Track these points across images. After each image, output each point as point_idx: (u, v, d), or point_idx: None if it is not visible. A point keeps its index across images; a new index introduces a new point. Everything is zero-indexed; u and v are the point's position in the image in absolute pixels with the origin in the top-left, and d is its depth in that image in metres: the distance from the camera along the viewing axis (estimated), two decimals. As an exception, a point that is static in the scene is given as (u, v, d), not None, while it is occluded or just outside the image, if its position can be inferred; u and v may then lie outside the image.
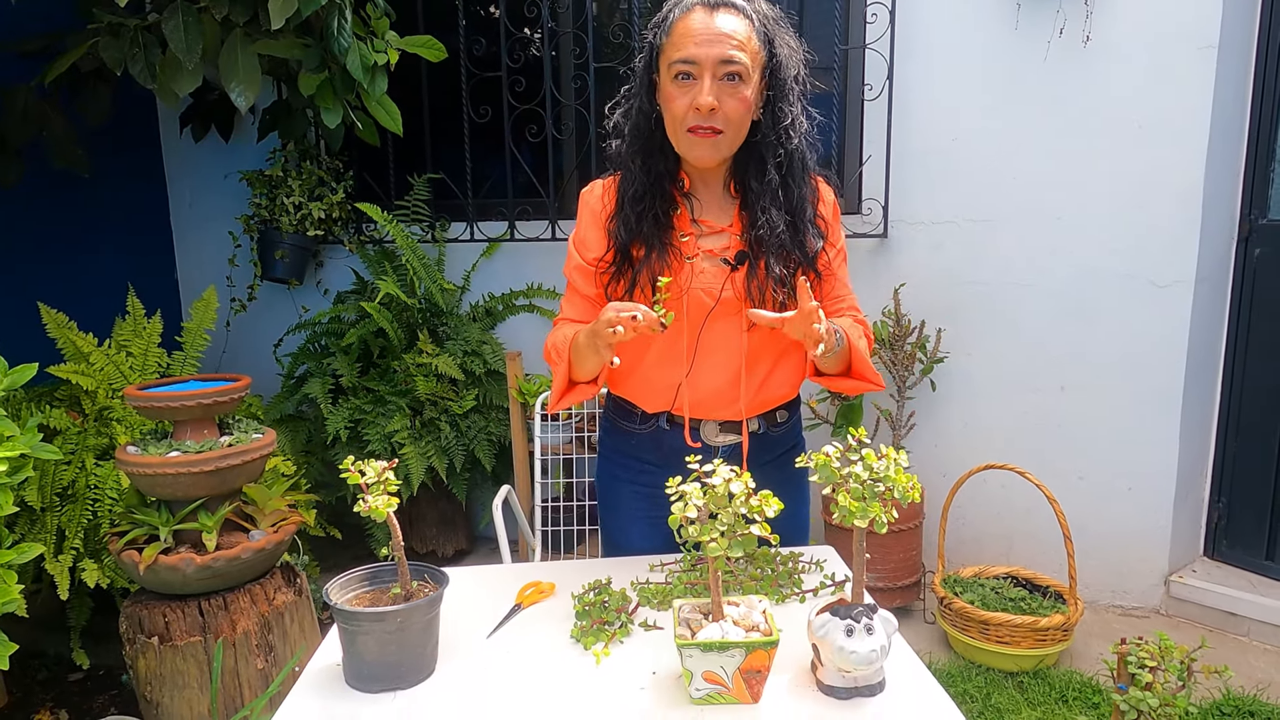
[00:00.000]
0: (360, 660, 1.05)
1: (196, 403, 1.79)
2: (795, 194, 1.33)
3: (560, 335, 1.38)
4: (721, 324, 1.36)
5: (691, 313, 1.36)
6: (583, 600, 1.23)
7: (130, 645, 1.80)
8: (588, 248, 1.40)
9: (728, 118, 1.26)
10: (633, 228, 1.33)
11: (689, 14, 1.26)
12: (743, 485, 0.99)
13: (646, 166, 1.33)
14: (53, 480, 2.32)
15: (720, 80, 1.24)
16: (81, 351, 2.56)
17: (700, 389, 1.40)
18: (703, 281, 1.35)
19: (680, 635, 0.99)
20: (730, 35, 1.24)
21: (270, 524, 1.93)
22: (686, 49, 1.25)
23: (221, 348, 3.34)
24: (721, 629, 1.00)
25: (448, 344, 3.04)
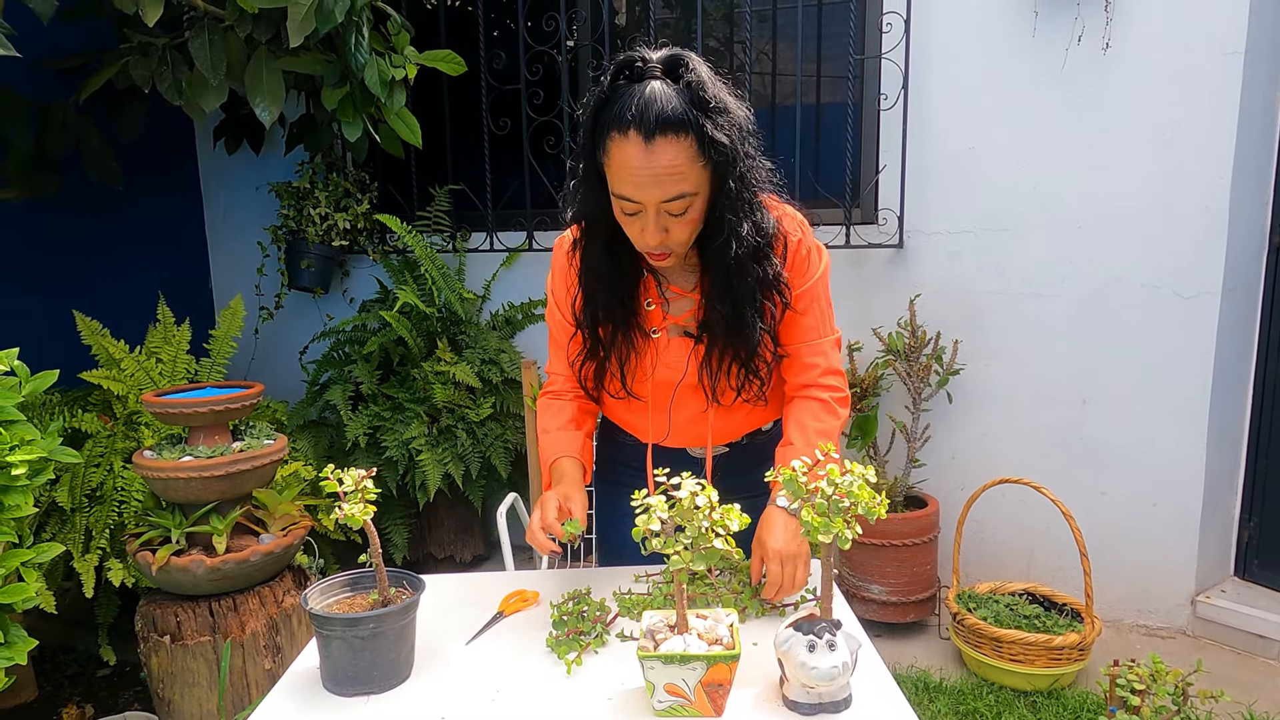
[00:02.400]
0: (335, 664, 1.08)
1: (209, 409, 1.84)
2: (739, 284, 1.25)
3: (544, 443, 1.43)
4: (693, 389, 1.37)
5: (658, 391, 1.39)
6: (560, 610, 1.25)
7: (144, 643, 1.86)
8: (563, 302, 1.40)
9: (677, 241, 1.20)
10: (597, 314, 1.33)
11: (625, 143, 1.12)
12: (707, 498, 1.00)
13: (606, 249, 1.28)
14: (82, 482, 2.40)
15: (665, 214, 1.17)
16: (114, 358, 2.65)
17: (676, 438, 1.46)
18: (668, 358, 1.37)
19: (643, 647, 1.00)
20: (671, 170, 1.12)
21: (280, 528, 1.98)
22: (625, 188, 1.15)
23: (250, 354, 3.44)
24: (684, 641, 1.00)
25: (466, 352, 3.09)
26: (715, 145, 1.13)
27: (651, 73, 1.13)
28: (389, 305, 3.18)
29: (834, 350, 1.39)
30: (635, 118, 1.10)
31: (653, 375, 1.37)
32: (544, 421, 1.46)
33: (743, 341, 1.30)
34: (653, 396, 1.40)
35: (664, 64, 1.14)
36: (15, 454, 1.58)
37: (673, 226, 1.18)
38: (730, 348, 1.31)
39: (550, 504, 1.28)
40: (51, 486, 2.42)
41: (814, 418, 1.35)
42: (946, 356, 2.73)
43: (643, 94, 1.11)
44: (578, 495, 1.32)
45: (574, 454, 1.40)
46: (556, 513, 1.27)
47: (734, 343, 1.30)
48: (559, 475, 1.37)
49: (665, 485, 1.04)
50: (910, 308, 2.72)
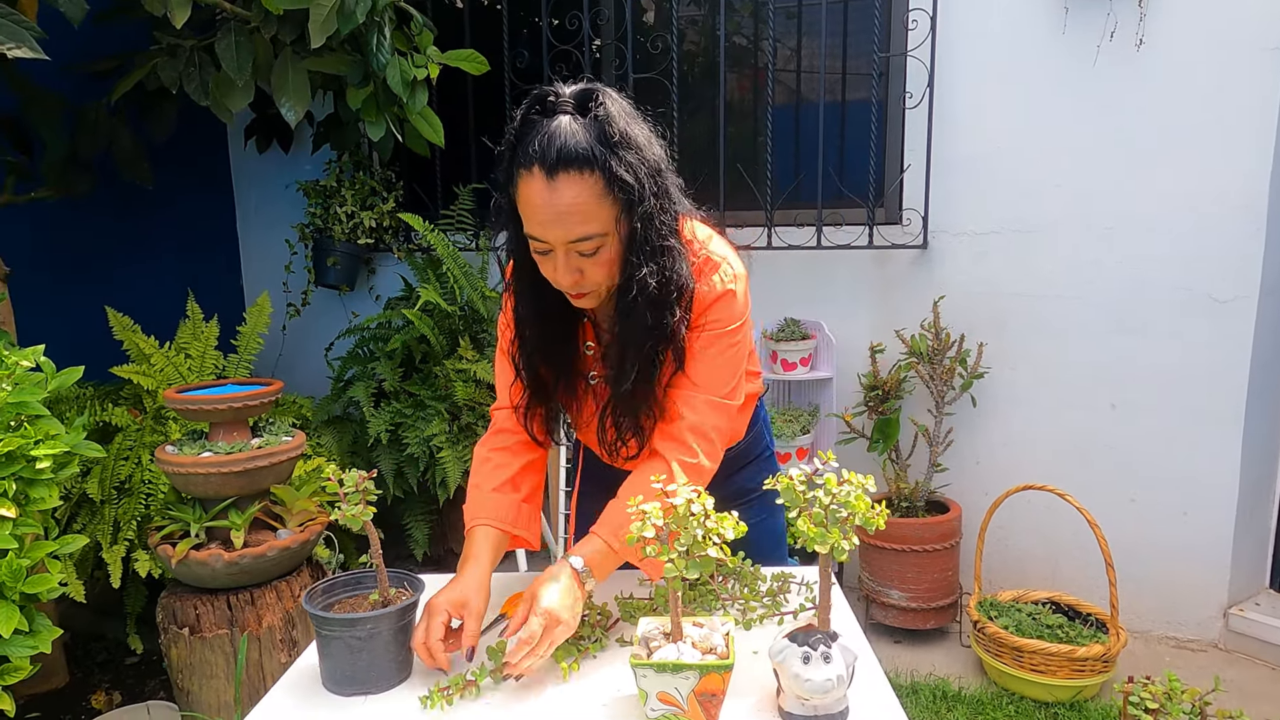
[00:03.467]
0: (334, 663, 1.09)
1: (227, 406, 1.87)
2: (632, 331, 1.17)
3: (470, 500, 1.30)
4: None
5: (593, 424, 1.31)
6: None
7: (164, 634, 1.90)
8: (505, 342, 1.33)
9: (593, 282, 1.15)
10: (532, 356, 1.27)
11: (529, 179, 1.07)
12: (702, 506, 0.99)
13: (534, 288, 1.22)
14: (111, 474, 2.46)
15: (576, 254, 1.11)
16: (144, 353, 2.71)
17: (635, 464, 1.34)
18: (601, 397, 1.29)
19: (636, 655, 0.99)
20: (574, 209, 1.06)
21: (298, 524, 2.00)
22: (532, 226, 1.10)
23: (278, 351, 3.49)
24: (678, 650, 0.99)
25: (488, 350, 3.10)
26: (620, 183, 1.07)
27: (562, 107, 1.08)
28: (413, 303, 3.21)
29: (711, 411, 1.22)
30: (538, 153, 1.05)
31: (592, 421, 1.30)
32: (477, 477, 1.32)
33: (624, 395, 1.20)
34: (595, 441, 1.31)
35: (575, 98, 1.09)
36: (40, 448, 1.62)
37: (586, 267, 1.13)
38: (616, 399, 1.22)
39: (436, 618, 1.10)
40: (82, 479, 2.49)
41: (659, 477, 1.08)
42: (970, 359, 2.68)
43: (549, 129, 1.06)
44: (477, 598, 1.15)
45: (498, 522, 1.26)
46: (441, 630, 1.10)
47: (617, 394, 1.22)
48: (466, 556, 1.22)
49: (660, 492, 1.03)
50: (934, 310, 2.68)
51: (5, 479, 1.56)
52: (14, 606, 1.52)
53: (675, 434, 1.22)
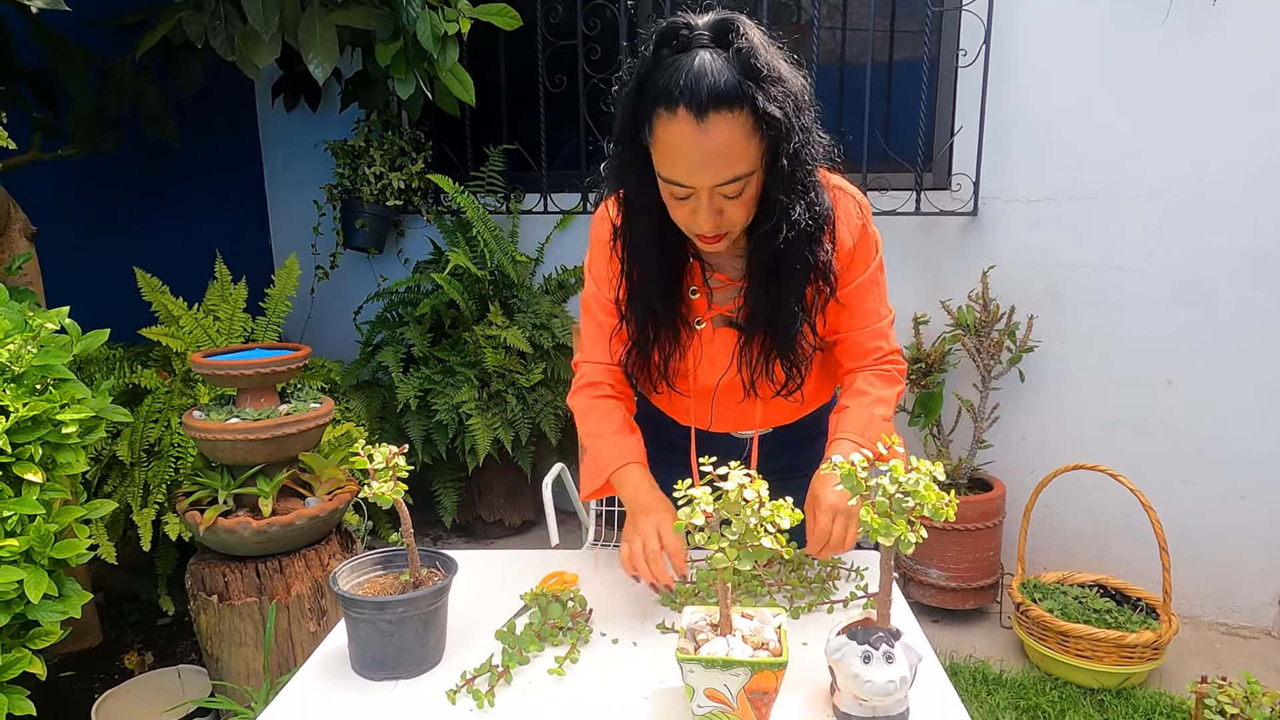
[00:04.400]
0: (362, 646, 1.04)
1: (254, 371, 1.83)
2: (786, 269, 1.16)
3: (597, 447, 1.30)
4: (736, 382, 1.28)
5: (701, 385, 1.31)
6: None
7: (194, 600, 1.88)
8: (604, 282, 1.30)
9: (732, 223, 1.10)
10: (641, 304, 1.23)
11: (672, 122, 1.01)
12: (756, 492, 0.91)
13: (653, 235, 1.17)
14: (141, 437, 2.45)
15: (719, 197, 1.06)
16: (172, 315, 2.68)
17: (721, 425, 1.39)
18: (712, 351, 1.28)
19: (682, 649, 0.93)
20: (725, 150, 1.02)
21: (326, 491, 1.97)
22: (675, 171, 1.05)
23: (306, 314, 3.45)
24: (728, 644, 0.93)
25: (518, 316, 3.04)
26: (769, 119, 1.02)
27: (699, 41, 1.02)
28: (442, 267, 3.15)
29: (891, 330, 1.32)
30: (685, 93, 0.99)
31: (696, 369, 1.29)
32: (591, 423, 1.31)
33: (782, 331, 1.20)
34: (695, 390, 1.32)
35: (712, 30, 1.02)
36: (66, 412, 1.58)
37: (728, 209, 1.08)
38: (770, 338, 1.21)
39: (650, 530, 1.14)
40: (112, 441, 2.47)
41: (872, 385, 1.28)
42: (1020, 332, 2.57)
43: (691, 66, 0.99)
44: (669, 523, 1.15)
45: (639, 459, 1.27)
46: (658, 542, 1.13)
47: (774, 333, 1.21)
48: (640, 489, 1.22)
49: (711, 475, 0.96)
50: (983, 280, 2.56)
51: (31, 444, 1.52)
52: (43, 572, 1.50)
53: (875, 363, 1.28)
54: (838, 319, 1.27)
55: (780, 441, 1.41)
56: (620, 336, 1.28)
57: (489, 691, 0.99)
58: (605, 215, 1.28)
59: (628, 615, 1.19)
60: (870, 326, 1.28)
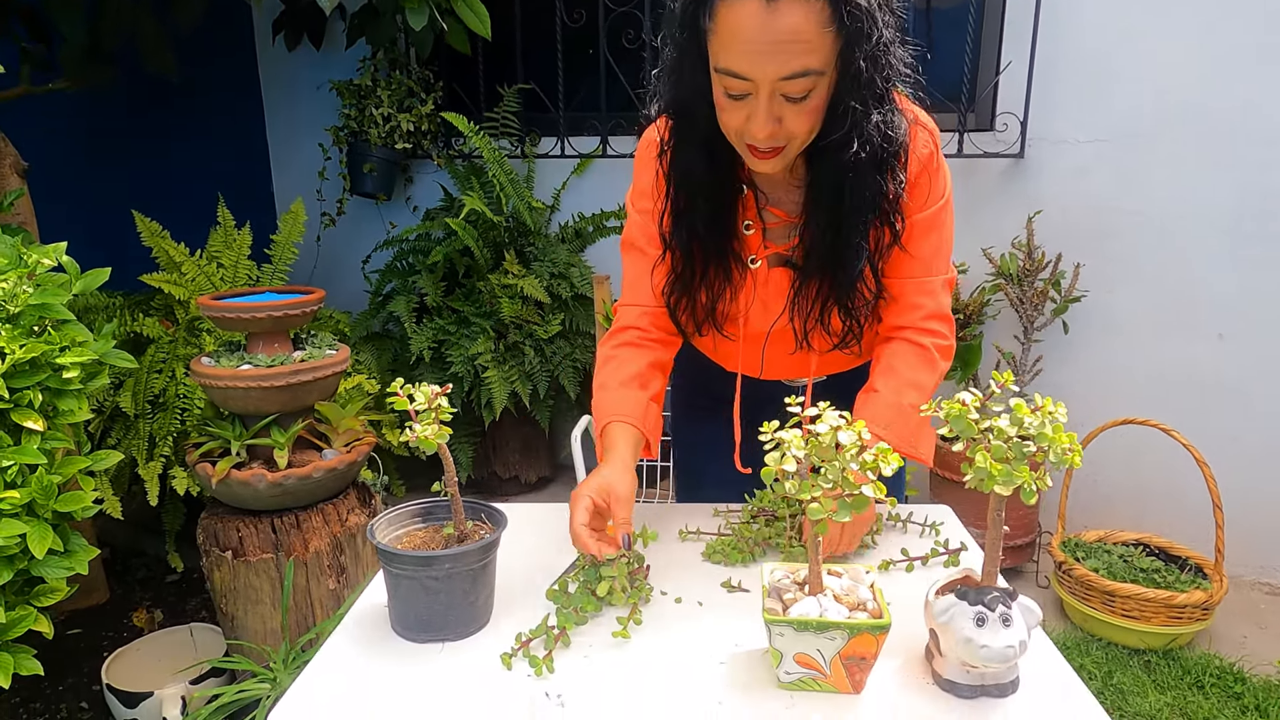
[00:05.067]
0: (405, 606, 0.94)
1: (267, 314, 1.71)
2: (851, 198, 1.02)
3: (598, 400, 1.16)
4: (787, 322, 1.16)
5: (752, 329, 1.19)
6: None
7: (206, 557, 1.79)
8: (648, 213, 1.16)
9: (790, 134, 0.96)
10: (689, 231, 1.11)
11: (738, 2, 0.89)
12: (854, 435, 0.81)
13: (705, 149, 1.05)
14: (144, 388, 2.34)
15: (781, 98, 0.93)
16: (174, 261, 2.56)
17: (771, 373, 1.28)
18: (766, 293, 1.16)
19: (770, 610, 0.83)
20: (794, 37, 0.89)
21: (344, 443, 1.87)
22: (735, 60, 0.92)
23: (313, 263, 3.32)
24: (820, 605, 0.83)
25: (534, 265, 2.92)
26: (850, 9, 0.89)
27: None
28: (454, 213, 3.01)
29: (944, 292, 1.15)
30: None
31: (747, 312, 1.17)
32: (602, 376, 1.19)
33: (842, 273, 1.07)
34: (745, 335, 1.20)
35: None
36: (66, 355, 1.47)
37: (788, 115, 0.95)
38: (828, 281, 1.09)
39: (579, 506, 1.01)
40: (115, 392, 2.37)
41: (907, 364, 1.12)
42: (1065, 282, 2.45)
43: None
44: (622, 484, 1.04)
45: (631, 418, 1.13)
46: (587, 515, 1.00)
47: (832, 274, 1.08)
48: (606, 448, 1.11)
49: (800, 417, 0.85)
50: (1028, 226, 2.44)
51: (31, 389, 1.41)
52: (47, 526, 1.40)
53: (916, 323, 1.13)
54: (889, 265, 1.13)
55: (837, 389, 1.30)
56: (663, 267, 1.16)
57: (547, 656, 0.89)
58: (652, 137, 1.15)
59: (687, 572, 1.09)
60: (918, 277, 1.12)
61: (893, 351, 1.13)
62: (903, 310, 1.14)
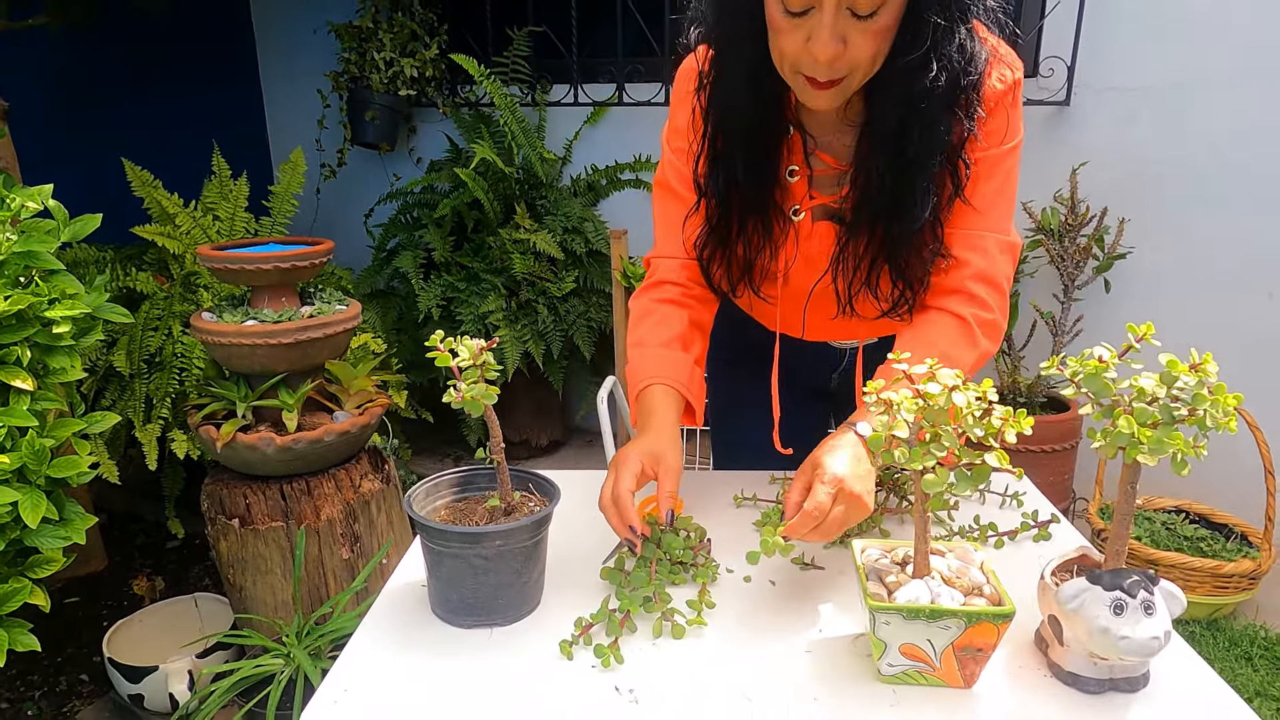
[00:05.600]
0: (448, 587, 0.83)
1: (273, 266, 1.58)
2: (922, 133, 0.89)
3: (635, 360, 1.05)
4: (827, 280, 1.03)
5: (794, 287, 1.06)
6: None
7: (211, 525, 1.68)
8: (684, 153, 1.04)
9: (854, 62, 0.84)
10: (727, 175, 0.98)
11: None
12: (983, 396, 0.70)
13: (750, 81, 0.91)
14: (140, 346, 2.21)
15: (847, 14, 0.81)
16: (167, 212, 2.41)
17: (814, 334, 1.17)
18: (810, 248, 1.03)
19: (875, 595, 0.73)
20: None
21: (355, 405, 1.75)
22: None
23: (313, 216, 3.18)
24: (929, 589, 0.73)
25: (547, 219, 2.78)
26: None
27: None
28: (464, 163, 2.87)
29: (1001, 255, 0.99)
30: None
31: (788, 270, 1.04)
32: (640, 332, 1.06)
33: (897, 227, 0.94)
34: (785, 294, 1.08)
35: None
36: (56, 309, 1.34)
37: (853, 36, 0.82)
38: (881, 236, 0.95)
39: (627, 470, 0.91)
40: (108, 350, 2.24)
41: (942, 333, 0.96)
42: (1109, 237, 2.33)
43: None
44: (671, 453, 0.94)
45: (675, 381, 1.02)
46: (635, 481, 0.90)
47: (885, 228, 0.94)
48: (648, 412, 0.99)
49: (903, 375, 0.74)
50: (1071, 179, 2.31)
51: (19, 345, 1.29)
52: (39, 493, 1.28)
53: (958, 284, 0.97)
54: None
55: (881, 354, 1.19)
56: (697, 217, 1.04)
57: (613, 644, 0.79)
58: (691, 68, 1.02)
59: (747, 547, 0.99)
60: (972, 229, 0.97)
61: (928, 322, 0.98)
62: (949, 268, 0.98)
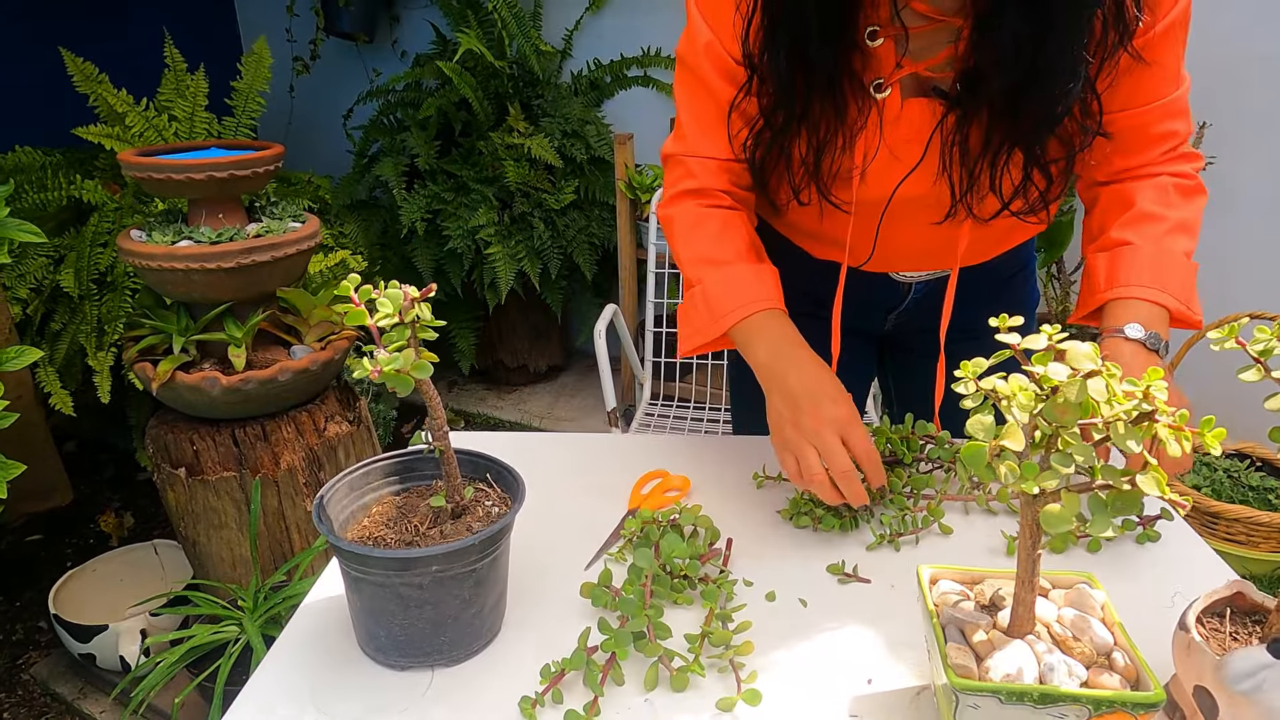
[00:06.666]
0: (374, 621, 0.62)
1: (208, 175, 1.33)
2: None
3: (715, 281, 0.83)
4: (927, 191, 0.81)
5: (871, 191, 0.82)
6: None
7: (157, 473, 1.49)
8: (723, 24, 0.79)
9: None
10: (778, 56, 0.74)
11: None
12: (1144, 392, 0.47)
13: None
14: (88, 264, 1.99)
15: None
16: (116, 111, 2.14)
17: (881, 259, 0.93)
18: (898, 134, 0.78)
19: (959, 667, 0.51)
20: None
21: (317, 338, 1.53)
22: None
23: (287, 118, 2.89)
24: (1035, 656, 0.51)
25: (543, 122, 2.49)
26: None
27: None
28: (449, 56, 2.55)
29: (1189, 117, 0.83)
30: None
31: (867, 165, 0.80)
32: (702, 244, 0.85)
33: (1038, 93, 0.70)
34: (859, 201, 0.83)
35: None
36: (-64, 228, 1.11)
37: None
38: (1015, 112, 0.72)
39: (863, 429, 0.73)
40: (55, 268, 2.02)
41: (1162, 199, 0.80)
42: (1185, 146, 2.03)
43: None
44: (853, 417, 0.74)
45: (783, 305, 0.82)
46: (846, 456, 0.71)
47: (1020, 99, 0.70)
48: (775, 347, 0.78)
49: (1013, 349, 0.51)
50: (1146, 76, 2.00)
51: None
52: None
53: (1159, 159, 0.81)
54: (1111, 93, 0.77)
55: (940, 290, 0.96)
56: (746, 108, 0.80)
57: (593, 705, 0.58)
58: None
59: (769, 545, 0.78)
60: (1165, 99, 0.79)
61: (1141, 192, 0.81)
62: (1147, 145, 0.81)
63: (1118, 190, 0.83)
